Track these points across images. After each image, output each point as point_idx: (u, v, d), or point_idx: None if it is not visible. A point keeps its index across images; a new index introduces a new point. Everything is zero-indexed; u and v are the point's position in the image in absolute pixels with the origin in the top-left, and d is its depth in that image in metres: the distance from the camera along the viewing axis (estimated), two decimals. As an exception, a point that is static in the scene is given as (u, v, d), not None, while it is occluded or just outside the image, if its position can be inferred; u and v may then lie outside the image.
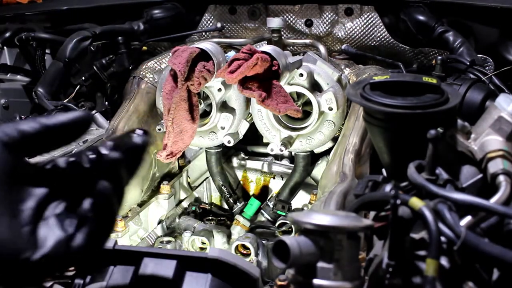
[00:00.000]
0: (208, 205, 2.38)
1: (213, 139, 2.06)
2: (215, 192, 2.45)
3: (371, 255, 1.07)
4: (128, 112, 2.07)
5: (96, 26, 2.56)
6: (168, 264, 1.04)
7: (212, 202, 2.46)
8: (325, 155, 2.18)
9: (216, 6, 2.63)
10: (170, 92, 1.79)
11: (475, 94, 1.77)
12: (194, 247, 2.03)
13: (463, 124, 1.11)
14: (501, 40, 2.28)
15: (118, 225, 1.73)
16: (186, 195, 2.32)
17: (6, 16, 2.85)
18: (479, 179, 1.05)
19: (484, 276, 0.90)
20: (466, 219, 0.94)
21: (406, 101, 1.07)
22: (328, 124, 1.93)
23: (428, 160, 0.96)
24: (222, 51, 1.88)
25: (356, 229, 0.92)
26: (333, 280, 0.91)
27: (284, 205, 2.15)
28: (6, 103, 2.32)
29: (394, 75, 1.20)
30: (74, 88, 2.32)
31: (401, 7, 2.41)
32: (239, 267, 1.03)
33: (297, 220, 0.92)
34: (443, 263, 0.88)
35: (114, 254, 1.07)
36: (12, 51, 2.70)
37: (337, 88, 1.88)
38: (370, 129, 1.20)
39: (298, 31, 2.55)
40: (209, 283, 1.02)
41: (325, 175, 1.75)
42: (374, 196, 1.02)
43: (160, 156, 1.84)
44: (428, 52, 2.39)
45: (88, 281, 1.10)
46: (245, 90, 1.72)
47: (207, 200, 2.46)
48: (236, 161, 2.42)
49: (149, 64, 2.29)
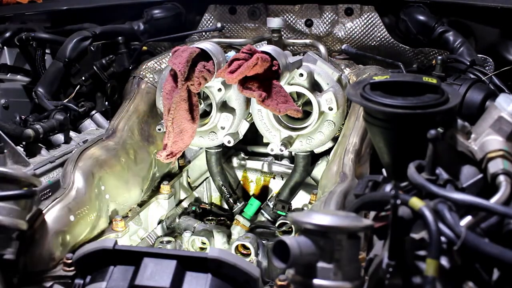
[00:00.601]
0: (208, 205, 2.38)
1: (213, 139, 2.06)
2: (215, 192, 2.45)
3: (371, 255, 1.07)
4: (128, 112, 2.07)
5: (96, 26, 2.56)
6: (168, 264, 1.04)
7: (212, 202, 2.46)
8: (325, 155, 2.18)
9: (216, 6, 2.63)
10: (170, 92, 1.79)
11: (475, 94, 1.77)
12: (194, 247, 2.03)
13: (463, 124, 1.11)
14: (501, 40, 2.28)
15: (118, 225, 1.73)
16: (186, 195, 2.32)
17: (6, 16, 2.85)
18: (479, 179, 1.05)
19: (484, 276, 0.90)
20: (466, 219, 0.94)
21: (406, 101, 1.07)
22: (328, 124, 1.93)
23: (428, 160, 0.96)
24: (222, 51, 1.88)
25: (356, 229, 0.92)
26: (333, 280, 0.91)
27: (284, 205, 2.15)
28: (6, 103, 2.32)
29: (394, 75, 1.21)
30: (74, 88, 2.32)
31: (401, 7, 2.41)
32: (239, 267, 1.03)
33: (297, 220, 0.92)
34: (443, 263, 0.88)
35: (114, 254, 1.07)
36: (12, 51, 2.69)
37: (337, 88, 1.88)
38: (370, 129, 1.20)
39: (298, 31, 2.55)
40: (209, 283, 1.02)
41: (325, 175, 1.75)
42: (374, 196, 1.02)
43: (160, 156, 1.84)
44: (428, 52, 2.39)
45: (88, 281, 1.11)
46: (245, 90, 1.72)
47: (207, 200, 2.46)
48: (236, 161, 2.42)
49: (149, 64, 2.29)
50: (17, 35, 2.53)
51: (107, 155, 1.81)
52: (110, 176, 1.78)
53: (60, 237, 1.44)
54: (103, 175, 1.74)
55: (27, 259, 1.32)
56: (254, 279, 1.03)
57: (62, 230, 1.45)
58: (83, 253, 1.10)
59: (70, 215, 1.50)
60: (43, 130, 1.87)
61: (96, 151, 1.79)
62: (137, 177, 1.96)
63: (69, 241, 1.48)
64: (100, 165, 1.75)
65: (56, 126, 1.94)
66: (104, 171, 1.76)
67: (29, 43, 2.54)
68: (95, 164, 1.73)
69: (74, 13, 2.78)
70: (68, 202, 1.52)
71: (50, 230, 1.41)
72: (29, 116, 2.08)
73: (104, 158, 1.79)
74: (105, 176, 1.75)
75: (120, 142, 1.93)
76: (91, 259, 1.09)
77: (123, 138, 1.95)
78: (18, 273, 1.30)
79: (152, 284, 1.01)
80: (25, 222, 1.28)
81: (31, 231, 1.36)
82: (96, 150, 1.80)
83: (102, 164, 1.76)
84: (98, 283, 1.06)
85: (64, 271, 1.30)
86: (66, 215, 1.49)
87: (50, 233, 1.41)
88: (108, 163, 1.80)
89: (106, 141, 1.89)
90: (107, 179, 1.76)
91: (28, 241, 1.34)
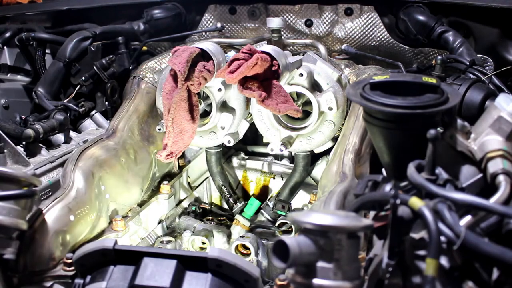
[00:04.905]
0: (208, 205, 2.38)
1: (213, 139, 2.06)
2: (215, 192, 2.45)
3: (371, 255, 1.07)
4: (128, 112, 2.07)
5: (96, 26, 2.57)
6: (168, 264, 1.04)
7: (212, 202, 2.46)
8: (325, 155, 2.18)
9: (216, 6, 2.63)
10: (170, 92, 1.79)
11: (475, 94, 1.77)
12: (194, 247, 2.03)
13: (463, 124, 1.11)
14: (501, 40, 2.28)
15: (118, 225, 1.73)
16: (186, 195, 2.33)
17: (6, 16, 2.85)
18: (479, 178, 1.05)
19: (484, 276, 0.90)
20: (466, 219, 0.94)
21: (406, 101, 1.07)
22: (328, 124, 1.93)
23: (428, 160, 0.96)
24: (222, 51, 1.88)
25: (356, 229, 0.93)
26: (333, 279, 0.91)
27: (284, 205, 2.15)
28: (6, 103, 2.32)
29: (394, 75, 1.21)
30: (74, 88, 2.32)
31: (400, 7, 2.41)
32: (239, 267, 1.03)
33: (297, 220, 0.93)
34: (442, 263, 0.88)
35: (114, 254, 1.07)
36: (12, 51, 2.70)
37: (337, 88, 1.88)
38: (370, 129, 1.20)
39: (298, 31, 2.55)
40: (209, 283, 1.03)
41: (325, 175, 1.75)
42: (374, 196, 1.02)
43: (160, 156, 1.84)
44: (428, 52, 2.39)
45: (88, 281, 1.11)
46: (245, 90, 1.72)
47: (207, 200, 2.46)
48: (236, 161, 2.42)
49: (149, 64, 2.29)
50: (17, 35, 2.53)
51: (107, 155, 1.81)
52: (110, 176, 1.79)
53: (60, 237, 1.44)
54: (103, 175, 1.74)
55: (27, 259, 1.32)
56: (254, 279, 1.04)
57: (62, 230, 1.45)
58: (83, 253, 1.11)
59: (70, 215, 1.50)
60: (43, 130, 1.87)
61: (96, 151, 1.79)
62: (137, 177, 1.96)
63: (69, 241, 1.48)
64: (100, 165, 1.75)
65: (56, 126, 1.95)
66: (104, 171, 1.76)
67: (29, 43, 2.54)
68: (95, 164, 1.73)
69: (74, 13, 2.78)
70: (68, 202, 1.52)
71: (50, 230, 1.41)
72: (29, 116, 2.08)
73: (104, 158, 1.79)
74: (105, 176, 1.76)
75: (120, 142, 1.93)
76: (91, 259, 1.10)
77: (123, 138, 1.95)
78: (18, 273, 1.30)
79: (152, 284, 1.01)
80: (25, 222, 1.28)
81: (31, 231, 1.36)
82: (96, 150, 1.80)
83: (102, 164, 1.76)
84: (98, 283, 1.06)
85: (64, 271, 1.30)
86: (66, 215, 1.49)
87: (50, 233, 1.41)
88: (108, 163, 1.80)
89: (106, 141, 1.89)
90: (107, 179, 1.76)
91: (28, 241, 1.34)
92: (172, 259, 1.05)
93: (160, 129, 1.95)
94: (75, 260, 1.13)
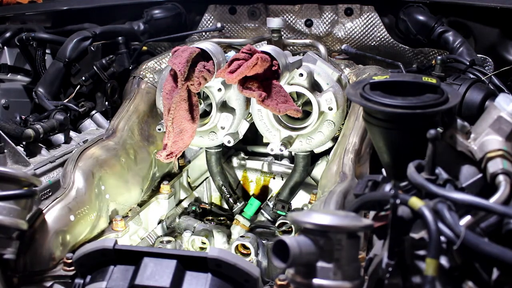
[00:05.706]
0: (208, 205, 2.38)
1: (213, 139, 2.06)
2: (215, 192, 2.45)
3: (371, 255, 1.07)
4: (128, 112, 2.07)
5: (96, 26, 2.57)
6: (168, 263, 1.04)
7: (212, 202, 2.46)
8: (325, 155, 2.18)
9: (216, 6, 2.63)
10: (170, 92, 1.79)
11: (475, 94, 1.78)
12: (194, 247, 2.03)
13: (463, 124, 1.11)
14: (501, 40, 2.28)
15: (118, 225, 1.73)
16: (186, 195, 2.33)
17: (6, 16, 2.85)
18: (478, 178, 1.05)
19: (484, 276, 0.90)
20: (466, 219, 0.94)
21: (406, 101, 1.07)
22: (328, 124, 1.93)
23: (428, 160, 0.96)
24: (222, 51, 1.88)
25: (355, 229, 0.93)
26: (333, 279, 0.91)
27: (284, 205, 2.15)
28: (6, 103, 2.32)
29: (394, 75, 1.21)
30: (74, 88, 2.32)
31: (400, 7, 2.41)
32: (239, 266, 1.03)
33: (297, 219, 0.93)
34: (442, 263, 0.88)
35: (114, 254, 1.07)
36: (12, 51, 2.70)
37: (337, 88, 1.88)
38: (370, 129, 1.20)
39: (298, 31, 2.55)
40: (209, 283, 1.03)
41: (325, 175, 1.75)
42: (374, 196, 1.02)
43: (160, 156, 1.84)
44: (428, 52, 2.39)
45: (88, 281, 1.11)
46: (245, 90, 1.72)
47: (207, 200, 2.46)
48: (236, 161, 2.42)
49: (149, 64, 2.29)
50: (17, 35, 2.53)
51: (107, 155, 1.81)
52: (110, 176, 1.79)
53: (60, 236, 1.44)
54: (103, 175, 1.74)
55: (27, 259, 1.33)
56: (254, 279, 1.04)
57: (62, 229, 1.45)
58: (83, 252, 1.11)
59: (70, 215, 1.50)
60: (43, 130, 1.87)
61: (96, 151, 1.79)
62: (137, 177, 1.96)
63: (69, 240, 1.48)
64: (100, 165, 1.75)
65: (56, 126, 1.95)
66: (104, 171, 1.76)
67: (29, 43, 2.54)
68: (95, 164, 1.73)
69: (74, 13, 2.79)
70: (68, 202, 1.52)
71: (50, 229, 1.41)
72: (29, 116, 2.08)
73: (104, 158, 1.79)
74: (105, 176, 1.76)
75: (120, 142, 1.93)
76: (91, 259, 1.10)
77: (123, 138, 1.95)
78: (18, 273, 1.30)
79: (152, 283, 1.01)
80: (25, 222, 1.28)
81: (31, 231, 1.36)
82: (96, 150, 1.80)
83: (102, 164, 1.76)
84: (98, 283, 1.06)
85: (64, 270, 1.31)
86: (66, 215, 1.49)
87: (50, 233, 1.41)
88: (108, 163, 1.80)
89: (106, 141, 1.89)
90: (107, 179, 1.76)
91: (28, 241, 1.34)
92: (172, 259, 1.05)
93: (160, 129, 1.95)
94: (75, 260, 1.13)
